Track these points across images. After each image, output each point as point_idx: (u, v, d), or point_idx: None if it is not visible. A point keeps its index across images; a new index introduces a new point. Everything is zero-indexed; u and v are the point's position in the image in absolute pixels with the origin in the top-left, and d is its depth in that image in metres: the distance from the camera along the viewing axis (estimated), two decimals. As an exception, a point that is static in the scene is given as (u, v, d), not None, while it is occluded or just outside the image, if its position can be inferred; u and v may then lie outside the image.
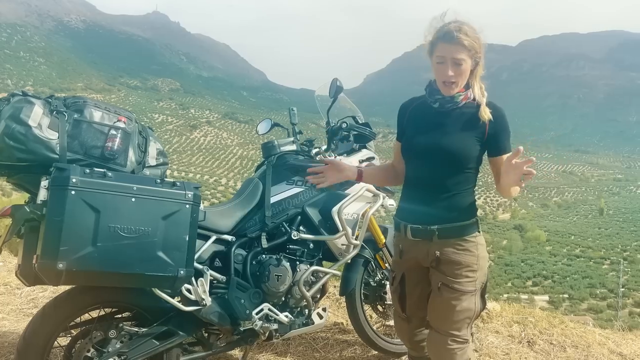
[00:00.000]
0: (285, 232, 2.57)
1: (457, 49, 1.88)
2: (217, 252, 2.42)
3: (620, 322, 20.47)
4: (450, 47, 1.89)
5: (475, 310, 2.01)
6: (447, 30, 1.90)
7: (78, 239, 1.77)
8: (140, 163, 2.17)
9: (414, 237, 2.07)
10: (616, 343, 3.50)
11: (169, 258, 1.93)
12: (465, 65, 1.91)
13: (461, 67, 1.91)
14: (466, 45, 1.88)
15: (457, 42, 1.88)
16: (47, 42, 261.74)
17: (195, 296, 2.22)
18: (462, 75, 1.94)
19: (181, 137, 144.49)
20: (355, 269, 2.90)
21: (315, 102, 3.10)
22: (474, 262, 2.00)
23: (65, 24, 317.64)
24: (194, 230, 2.02)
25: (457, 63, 1.90)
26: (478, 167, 2.03)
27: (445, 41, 1.90)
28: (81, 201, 1.78)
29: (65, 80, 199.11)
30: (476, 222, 2.05)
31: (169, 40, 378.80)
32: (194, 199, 2.02)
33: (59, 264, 1.74)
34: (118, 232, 1.84)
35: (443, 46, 1.91)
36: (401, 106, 2.22)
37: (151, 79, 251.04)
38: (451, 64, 1.91)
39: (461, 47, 1.88)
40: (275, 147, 2.72)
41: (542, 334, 3.34)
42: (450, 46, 1.89)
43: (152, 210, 1.92)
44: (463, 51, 1.89)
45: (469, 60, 1.92)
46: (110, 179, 1.86)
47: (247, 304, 2.39)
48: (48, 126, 1.97)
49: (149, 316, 2.24)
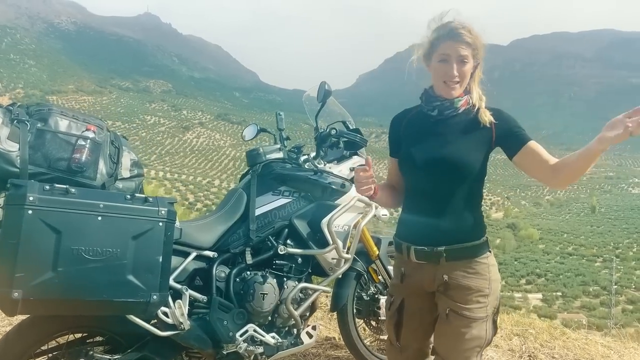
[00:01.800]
0: (272, 246, 2.40)
1: (461, 46, 1.79)
2: (197, 269, 2.25)
3: (614, 320, 20.48)
4: (454, 45, 1.79)
5: (486, 337, 1.83)
6: (451, 27, 1.81)
7: (36, 264, 1.59)
8: (112, 175, 1.99)
9: (418, 259, 1.89)
10: (619, 354, 3.36)
11: (140, 282, 1.75)
12: (468, 64, 1.81)
13: (465, 65, 1.81)
14: (470, 42, 1.79)
15: (461, 40, 1.79)
16: (38, 44, 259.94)
17: (173, 319, 2.04)
18: (465, 76, 1.83)
19: (173, 138, 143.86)
20: (347, 283, 2.74)
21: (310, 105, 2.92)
22: (486, 286, 1.82)
23: (56, 26, 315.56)
24: (169, 249, 1.85)
25: (462, 61, 1.80)
26: (483, 177, 1.86)
27: (449, 39, 1.80)
28: (39, 221, 1.60)
29: (56, 82, 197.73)
30: (486, 241, 1.87)
31: (160, 42, 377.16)
32: (168, 216, 1.84)
33: (14, 293, 1.55)
34: (82, 255, 1.66)
35: (447, 44, 1.80)
36: (393, 119, 2.06)
37: (143, 80, 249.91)
38: (456, 62, 1.80)
39: (465, 44, 1.79)
40: (261, 155, 2.55)
41: (544, 347, 3.19)
42: (455, 43, 1.79)
43: (121, 229, 1.74)
44: (467, 48, 1.80)
45: (471, 60, 1.82)
46: (74, 196, 1.68)
47: (230, 325, 2.21)
48: (7, 137, 1.79)
49: (123, 341, 2.07)
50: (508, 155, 1.84)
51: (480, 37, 1.82)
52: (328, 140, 2.64)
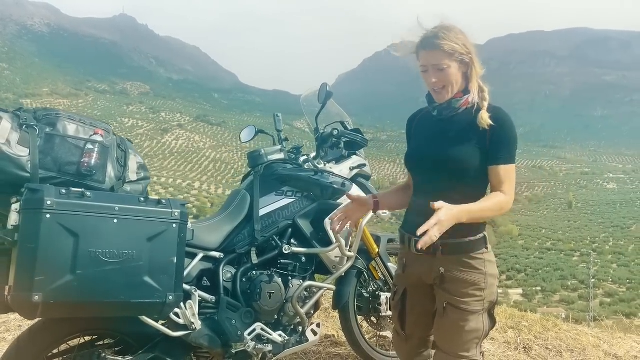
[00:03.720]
0: (276, 246, 2.44)
1: (436, 54, 1.83)
2: (204, 270, 2.28)
3: (592, 314, 20.82)
4: (428, 54, 1.85)
5: (484, 329, 1.89)
6: (425, 37, 1.86)
7: (55, 267, 1.61)
8: (120, 179, 2.01)
9: (417, 251, 1.94)
10: (609, 344, 3.48)
11: (156, 283, 1.78)
12: (450, 69, 1.84)
13: (444, 71, 1.84)
14: (446, 49, 1.82)
15: (436, 48, 1.82)
16: (10, 47, 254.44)
17: (184, 320, 2.07)
18: (449, 80, 1.85)
19: (152, 141, 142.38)
20: (348, 281, 2.78)
21: (289, 105, 2.97)
22: (482, 280, 1.88)
23: (29, 28, 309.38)
24: (182, 250, 1.88)
25: (438, 69, 1.84)
26: (485, 177, 1.88)
27: (423, 48, 1.86)
28: (57, 225, 1.62)
29: (30, 86, 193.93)
30: (484, 238, 1.92)
31: (137, 43, 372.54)
32: (182, 217, 1.87)
33: (35, 296, 1.57)
34: (100, 258, 1.68)
35: (423, 54, 1.87)
36: (408, 119, 2.13)
37: (120, 82, 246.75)
38: (433, 70, 1.85)
39: (441, 52, 1.82)
40: (263, 157, 2.58)
41: (538, 338, 3.29)
42: (429, 53, 1.84)
43: (137, 231, 1.76)
44: (443, 56, 1.82)
45: (453, 64, 1.84)
46: (89, 199, 1.70)
47: (238, 324, 2.25)
48: (17, 142, 1.80)
49: (134, 342, 2.08)
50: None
51: (462, 37, 1.85)
52: (329, 141, 2.69)
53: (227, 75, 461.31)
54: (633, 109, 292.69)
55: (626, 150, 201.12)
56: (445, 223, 1.65)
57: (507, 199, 1.82)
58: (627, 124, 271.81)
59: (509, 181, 1.84)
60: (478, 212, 1.78)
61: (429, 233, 1.61)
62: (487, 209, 1.80)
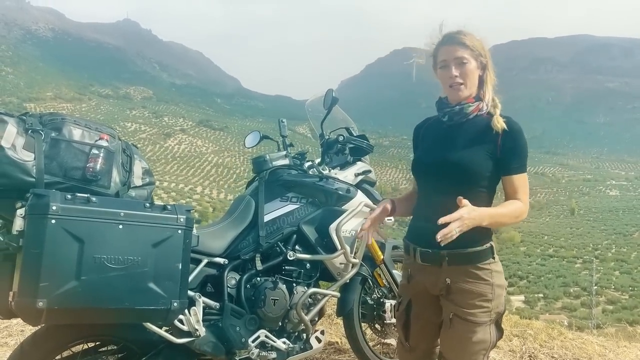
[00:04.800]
0: (281, 252, 2.43)
1: (457, 48, 1.86)
2: (208, 276, 2.27)
3: (595, 321, 20.69)
4: (450, 48, 1.87)
5: (491, 340, 1.86)
6: (446, 35, 1.90)
7: (60, 273, 1.60)
8: (125, 184, 2.00)
9: (422, 261, 1.92)
10: (615, 352, 3.45)
11: (161, 289, 1.76)
12: (469, 65, 1.86)
13: (465, 66, 1.85)
14: (467, 44, 1.85)
15: (456, 42, 1.86)
16: (15, 51, 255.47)
17: (188, 327, 2.06)
18: (468, 76, 1.86)
19: (155, 145, 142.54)
20: (353, 288, 2.77)
21: (292, 110, 2.97)
22: (488, 291, 1.84)
23: (33, 33, 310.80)
24: (187, 256, 1.86)
25: (460, 62, 1.85)
26: (493, 185, 1.86)
27: (445, 44, 1.89)
28: (63, 231, 1.61)
29: (34, 90, 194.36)
30: (491, 247, 1.89)
31: (140, 48, 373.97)
32: (187, 223, 1.86)
33: (39, 302, 1.56)
34: (104, 264, 1.67)
35: (444, 49, 1.89)
36: (415, 128, 2.13)
37: (123, 87, 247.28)
38: (454, 64, 1.86)
39: (462, 45, 1.85)
40: (267, 162, 2.57)
41: (543, 347, 3.26)
42: (450, 47, 1.87)
43: (142, 237, 1.75)
44: (464, 50, 1.85)
45: (472, 61, 1.86)
46: (95, 205, 1.69)
47: (242, 331, 2.23)
48: (23, 147, 1.79)
49: (137, 349, 2.07)
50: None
51: (480, 40, 1.88)
52: (335, 147, 2.68)
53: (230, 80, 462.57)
54: (635, 116, 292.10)
55: (628, 157, 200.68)
56: (467, 222, 1.65)
57: (524, 208, 1.83)
58: (629, 131, 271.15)
59: (524, 190, 1.84)
60: (499, 217, 1.78)
61: (450, 226, 1.60)
62: (506, 214, 1.80)
